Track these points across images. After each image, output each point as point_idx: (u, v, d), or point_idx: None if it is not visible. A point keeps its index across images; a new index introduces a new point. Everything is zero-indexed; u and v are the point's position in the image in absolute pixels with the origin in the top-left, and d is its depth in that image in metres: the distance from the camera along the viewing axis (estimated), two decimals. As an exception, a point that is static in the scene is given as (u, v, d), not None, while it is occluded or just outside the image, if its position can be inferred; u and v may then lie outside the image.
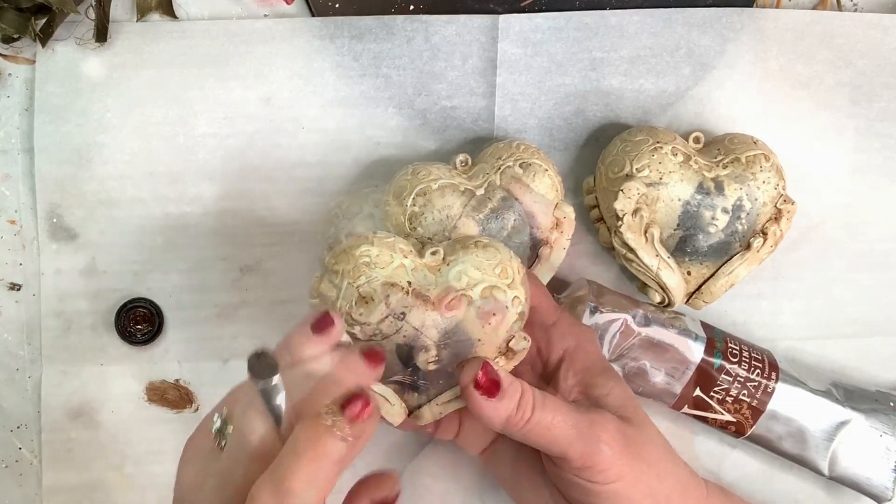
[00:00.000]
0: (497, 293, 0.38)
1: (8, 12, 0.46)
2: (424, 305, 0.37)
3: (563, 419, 0.38)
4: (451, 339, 0.38)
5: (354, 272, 0.37)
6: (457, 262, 0.38)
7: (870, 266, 0.51)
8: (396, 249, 0.38)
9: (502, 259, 0.38)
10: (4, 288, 0.49)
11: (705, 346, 0.46)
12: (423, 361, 0.39)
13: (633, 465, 0.38)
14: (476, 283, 0.38)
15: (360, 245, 0.38)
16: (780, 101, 0.50)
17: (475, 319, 0.38)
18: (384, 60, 0.49)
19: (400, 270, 0.37)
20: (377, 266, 0.37)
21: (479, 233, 0.44)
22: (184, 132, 0.49)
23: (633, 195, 0.45)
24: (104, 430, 0.49)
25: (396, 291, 0.37)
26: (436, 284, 0.38)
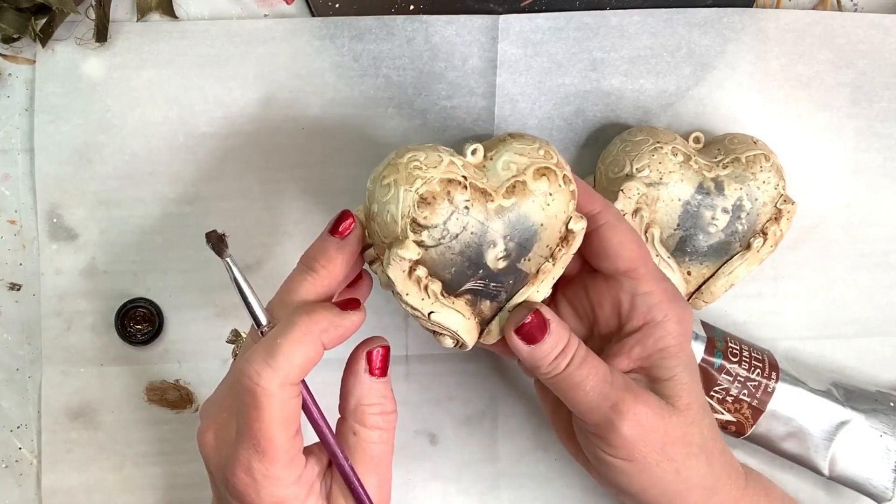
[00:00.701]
0: (548, 173, 0.37)
1: (8, 12, 0.46)
2: (484, 197, 0.37)
3: (593, 384, 0.38)
4: (515, 229, 0.38)
5: (408, 178, 0.36)
6: (500, 154, 0.38)
7: (870, 266, 0.51)
8: (441, 150, 0.37)
9: (541, 143, 0.38)
10: (4, 288, 0.49)
11: (705, 345, 0.46)
12: (492, 259, 0.38)
13: (647, 452, 0.38)
14: (525, 167, 0.37)
15: (405, 154, 0.37)
16: (781, 102, 0.50)
17: (534, 203, 0.37)
18: (384, 60, 0.49)
19: (452, 167, 0.37)
20: (429, 167, 0.36)
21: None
22: (184, 132, 0.49)
23: (633, 195, 0.45)
24: (104, 430, 0.49)
25: (455, 186, 0.36)
26: (487, 178, 0.38)
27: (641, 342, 0.39)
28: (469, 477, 0.50)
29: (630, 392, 0.38)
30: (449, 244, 0.37)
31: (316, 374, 0.50)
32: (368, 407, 0.38)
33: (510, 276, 0.39)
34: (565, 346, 0.38)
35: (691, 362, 0.40)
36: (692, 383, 0.39)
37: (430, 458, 0.50)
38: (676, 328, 0.39)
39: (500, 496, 0.50)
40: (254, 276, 0.49)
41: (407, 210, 0.36)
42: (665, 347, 0.39)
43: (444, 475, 0.50)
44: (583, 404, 0.38)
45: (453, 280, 0.38)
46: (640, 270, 0.39)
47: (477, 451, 0.50)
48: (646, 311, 0.39)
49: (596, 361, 0.38)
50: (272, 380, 0.34)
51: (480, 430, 0.50)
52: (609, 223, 0.39)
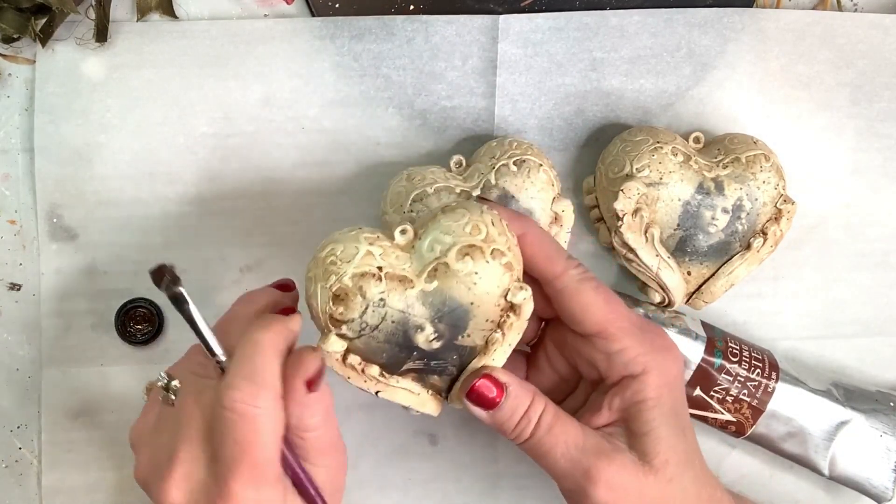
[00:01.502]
0: (472, 251, 0.36)
1: (8, 12, 0.46)
2: (403, 285, 0.37)
3: (563, 451, 0.37)
4: (442, 311, 0.37)
5: (324, 274, 0.37)
6: (427, 234, 0.37)
7: (870, 266, 0.51)
8: (360, 240, 0.37)
9: (471, 217, 0.37)
10: (4, 288, 0.49)
11: (705, 345, 0.46)
12: (423, 341, 0.38)
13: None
14: (448, 247, 0.36)
15: (326, 247, 0.37)
16: (781, 102, 0.50)
17: (459, 284, 0.37)
18: (384, 60, 0.49)
19: (368, 259, 0.36)
20: (343, 261, 0.36)
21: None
22: (184, 132, 0.49)
23: (633, 195, 0.45)
24: (104, 430, 0.49)
25: (368, 280, 0.36)
26: (411, 262, 0.37)
27: (619, 395, 0.38)
28: (469, 477, 0.50)
29: (602, 456, 0.37)
30: (372, 335, 0.37)
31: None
32: (310, 418, 0.36)
33: (451, 352, 0.39)
34: (527, 409, 0.38)
35: (673, 415, 0.38)
36: (672, 438, 0.38)
37: (430, 458, 0.50)
38: (656, 380, 0.38)
39: (500, 496, 0.50)
40: (254, 275, 0.49)
41: (325, 306, 0.37)
42: (643, 400, 0.38)
43: (444, 475, 0.50)
44: (554, 471, 0.38)
45: (389, 363, 0.38)
46: (610, 330, 0.38)
47: (477, 451, 0.50)
48: (622, 367, 0.38)
49: (565, 426, 0.38)
50: (267, 398, 0.34)
51: (480, 430, 0.50)
52: (568, 287, 0.38)
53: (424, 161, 0.49)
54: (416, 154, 0.49)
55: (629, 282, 0.50)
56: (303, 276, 0.49)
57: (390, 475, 0.50)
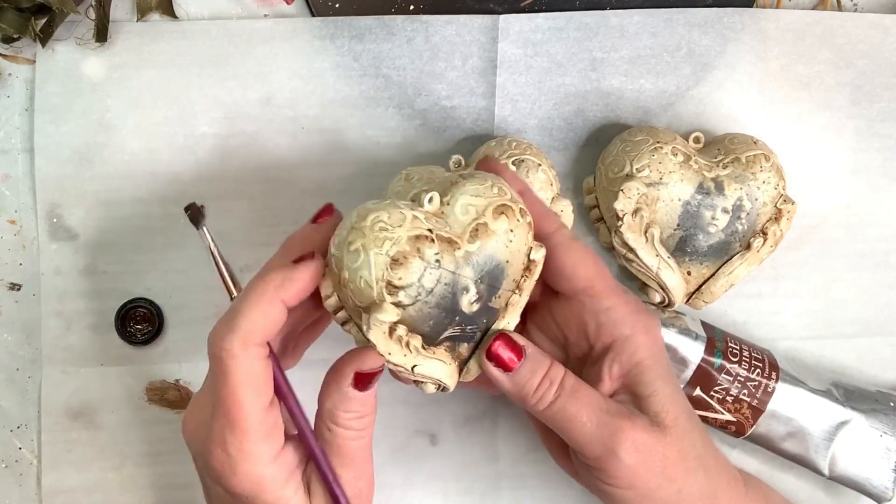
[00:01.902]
0: (506, 210, 0.38)
1: (8, 12, 0.46)
2: (451, 246, 0.37)
3: (589, 415, 0.37)
4: (484, 271, 0.38)
5: (376, 241, 0.36)
6: (456, 199, 0.38)
7: (870, 266, 0.51)
8: (402, 206, 0.37)
9: (493, 180, 0.38)
10: (4, 288, 0.49)
11: (705, 345, 0.46)
12: (466, 304, 0.38)
13: (649, 478, 0.37)
14: (484, 207, 0.37)
15: (367, 215, 0.37)
16: (781, 102, 0.50)
17: (498, 243, 0.38)
18: (384, 60, 0.49)
19: (417, 223, 0.36)
20: (394, 226, 0.36)
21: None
22: (184, 132, 0.49)
23: (633, 195, 0.45)
24: (104, 430, 0.49)
25: (423, 242, 0.36)
26: (448, 224, 0.38)
27: (617, 360, 0.39)
28: (469, 477, 0.50)
29: (627, 418, 0.37)
30: (426, 299, 0.37)
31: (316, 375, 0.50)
32: (344, 413, 0.37)
33: (483, 316, 0.39)
34: (546, 372, 0.38)
35: (668, 373, 0.39)
36: (674, 394, 0.39)
37: (430, 458, 0.50)
38: (646, 339, 0.39)
39: (500, 496, 0.50)
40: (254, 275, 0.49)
41: (381, 273, 0.36)
42: (640, 361, 0.38)
43: (444, 475, 0.50)
44: (581, 437, 0.37)
45: (432, 331, 0.38)
46: (598, 287, 0.39)
47: (477, 451, 0.50)
48: (612, 327, 0.39)
49: (589, 390, 0.38)
50: (233, 341, 0.34)
51: (480, 430, 0.50)
52: (562, 244, 0.39)
53: (424, 161, 0.49)
54: (416, 154, 0.49)
55: (629, 282, 0.50)
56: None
57: (390, 475, 0.50)
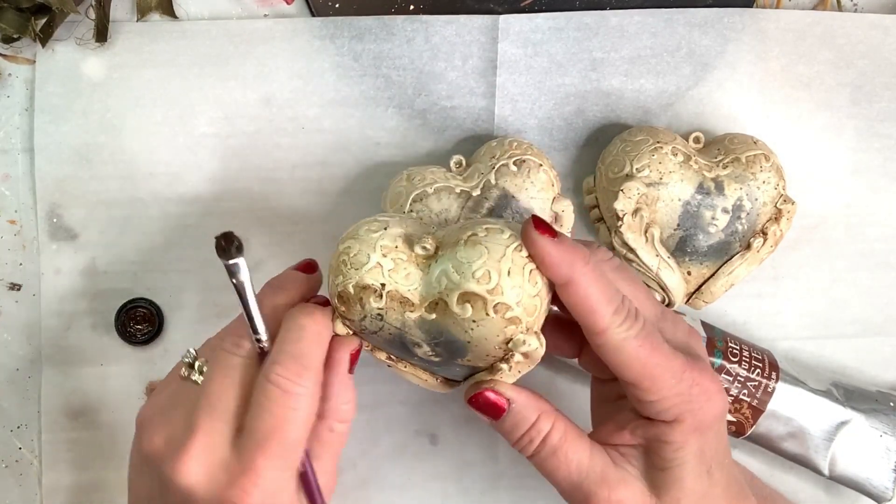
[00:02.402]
0: (472, 300, 0.34)
1: (8, 12, 0.46)
2: (403, 307, 0.36)
3: (564, 476, 0.37)
4: (439, 339, 0.36)
5: (335, 270, 0.37)
6: (442, 260, 0.35)
7: (870, 266, 0.51)
8: (377, 248, 0.36)
9: (488, 259, 0.34)
10: (4, 288, 0.49)
11: (705, 345, 0.46)
12: (423, 354, 0.38)
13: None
14: (452, 288, 0.34)
15: (346, 240, 0.37)
16: (781, 102, 0.50)
17: (455, 325, 0.35)
18: (384, 60, 0.49)
19: (375, 272, 0.35)
20: (352, 266, 0.36)
21: None
22: (184, 132, 0.49)
23: (633, 195, 0.45)
24: (104, 430, 0.49)
25: (369, 294, 0.36)
26: (420, 283, 0.36)
27: (644, 427, 0.37)
28: (469, 477, 0.50)
29: (604, 486, 0.36)
30: (371, 336, 0.38)
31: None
32: (345, 405, 0.38)
33: (454, 367, 0.38)
34: (530, 427, 0.37)
35: (699, 454, 0.36)
36: (689, 478, 0.36)
37: (430, 458, 0.50)
38: (687, 429, 0.36)
39: (500, 496, 0.50)
40: (254, 275, 0.49)
41: (332, 298, 0.37)
42: (667, 442, 0.36)
43: (444, 475, 0.50)
44: (558, 488, 0.38)
45: (397, 355, 0.39)
46: (645, 384, 0.35)
47: (477, 451, 0.50)
48: (654, 413, 0.36)
49: (571, 449, 0.36)
50: (310, 379, 0.35)
51: (480, 430, 0.50)
52: (608, 346, 0.35)
53: (424, 161, 0.49)
54: (416, 154, 0.49)
55: (629, 282, 0.50)
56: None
57: (390, 475, 0.50)
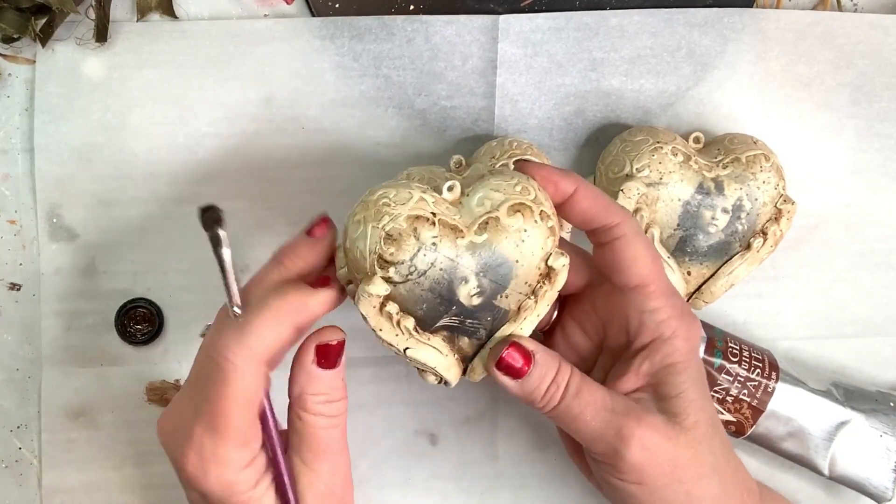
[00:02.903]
0: (522, 209, 0.37)
1: (8, 12, 0.46)
2: (454, 234, 0.37)
3: (594, 413, 0.37)
4: (488, 266, 0.37)
5: (376, 215, 0.36)
6: (476, 191, 0.37)
7: (870, 266, 0.51)
8: (413, 186, 0.37)
9: (520, 179, 0.37)
10: (4, 288, 0.49)
11: (705, 345, 0.46)
12: (465, 295, 0.37)
13: (657, 476, 0.37)
14: (500, 203, 0.37)
15: (376, 191, 0.37)
16: (781, 102, 0.50)
17: (507, 240, 0.37)
18: (384, 61, 0.49)
19: (421, 204, 0.36)
20: (397, 203, 0.36)
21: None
22: (184, 132, 0.49)
23: (633, 195, 0.45)
24: (104, 430, 0.49)
25: (422, 223, 0.36)
26: (460, 214, 0.37)
27: (649, 358, 0.38)
28: (469, 477, 0.50)
29: (632, 417, 0.37)
30: (417, 280, 0.37)
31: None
32: (312, 396, 0.38)
33: (487, 312, 0.38)
34: (555, 375, 0.38)
35: (700, 379, 0.39)
36: (701, 400, 0.38)
37: (430, 458, 0.50)
38: (685, 345, 0.38)
39: (500, 496, 0.50)
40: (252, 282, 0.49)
41: (374, 246, 0.36)
42: (673, 364, 0.38)
43: (444, 475, 0.50)
44: (586, 434, 0.38)
45: (426, 316, 0.38)
46: (651, 287, 0.38)
47: (477, 451, 0.50)
48: (654, 327, 0.38)
49: (593, 388, 0.38)
50: (242, 356, 0.35)
51: (480, 430, 0.50)
52: (626, 237, 0.38)
53: (424, 161, 0.49)
54: (416, 154, 0.49)
55: (629, 282, 0.50)
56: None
57: (390, 475, 0.50)
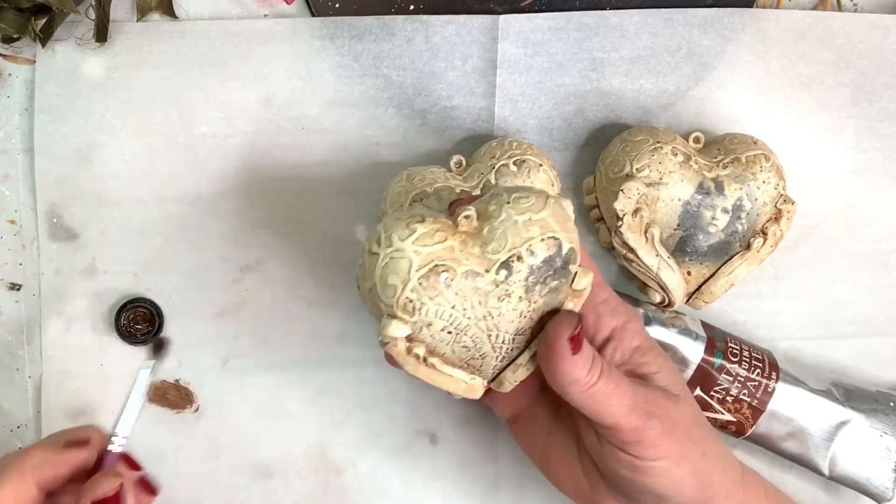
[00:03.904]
0: (544, 245, 0.36)
1: (8, 12, 0.46)
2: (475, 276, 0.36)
3: (623, 391, 0.38)
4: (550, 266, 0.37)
5: (386, 273, 0.36)
6: (493, 229, 0.36)
7: (870, 266, 0.51)
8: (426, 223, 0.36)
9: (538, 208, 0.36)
10: (4, 288, 0.49)
11: (705, 345, 0.46)
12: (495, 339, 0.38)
13: (681, 442, 0.38)
14: (520, 244, 0.36)
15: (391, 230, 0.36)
16: (781, 102, 0.50)
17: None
18: (384, 61, 0.49)
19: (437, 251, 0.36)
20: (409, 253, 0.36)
21: None
22: (184, 132, 0.49)
23: (633, 195, 0.45)
24: (104, 430, 0.49)
25: (438, 275, 0.36)
26: (476, 254, 0.36)
27: (619, 347, 0.40)
28: (469, 477, 0.50)
29: (648, 388, 0.38)
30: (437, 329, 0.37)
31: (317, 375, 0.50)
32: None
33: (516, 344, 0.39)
34: (594, 354, 0.38)
35: (662, 352, 0.41)
36: (674, 369, 0.40)
37: (430, 458, 0.50)
38: (638, 325, 0.40)
39: (500, 496, 0.50)
40: (254, 275, 0.49)
41: (390, 302, 0.36)
42: (639, 345, 0.40)
43: (444, 475, 0.50)
44: (618, 412, 0.37)
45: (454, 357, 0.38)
46: (594, 281, 0.39)
47: (477, 451, 0.50)
48: (609, 317, 0.40)
49: (614, 368, 0.38)
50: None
51: (481, 431, 0.50)
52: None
53: (424, 161, 0.49)
54: (416, 154, 0.49)
55: (629, 282, 0.50)
56: (303, 272, 0.49)
57: (390, 475, 0.50)
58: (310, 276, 0.49)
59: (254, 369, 0.49)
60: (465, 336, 0.37)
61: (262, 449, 0.49)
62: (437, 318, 0.36)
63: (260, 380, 0.49)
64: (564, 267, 0.37)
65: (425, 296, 0.36)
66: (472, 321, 0.37)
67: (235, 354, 0.49)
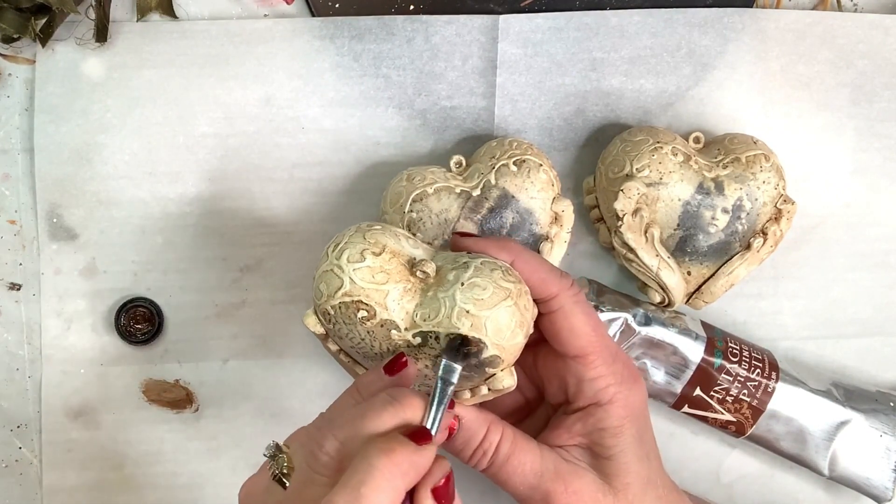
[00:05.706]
0: (467, 341, 0.36)
1: (8, 12, 0.46)
2: (389, 327, 0.37)
3: (521, 479, 0.38)
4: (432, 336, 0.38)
5: (331, 280, 0.37)
6: (434, 298, 0.36)
7: (870, 266, 0.51)
8: (381, 295, 0.37)
9: (486, 305, 0.36)
10: (4, 288, 0.49)
11: (705, 345, 0.46)
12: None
13: None
14: (446, 327, 0.36)
15: (342, 256, 0.37)
16: (781, 102, 0.50)
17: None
18: (384, 60, 0.49)
19: (386, 305, 0.37)
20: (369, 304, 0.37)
21: (478, 234, 0.44)
22: (184, 132, 0.49)
23: (633, 195, 0.45)
24: (104, 430, 0.49)
25: (353, 308, 0.37)
26: (407, 310, 0.37)
27: (583, 420, 0.39)
28: (469, 477, 0.50)
29: (560, 482, 0.38)
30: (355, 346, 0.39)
31: (317, 375, 0.50)
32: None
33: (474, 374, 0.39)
34: (482, 441, 0.38)
35: (637, 440, 0.39)
36: (634, 463, 0.39)
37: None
38: (621, 411, 0.39)
39: (500, 496, 0.50)
40: (254, 275, 0.49)
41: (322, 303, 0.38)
42: (605, 428, 0.39)
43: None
44: (516, 496, 0.39)
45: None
46: (590, 357, 0.39)
47: (477, 451, 0.50)
48: (591, 395, 0.39)
49: (524, 451, 0.38)
50: None
51: (480, 430, 0.50)
52: (563, 309, 0.39)
53: (424, 161, 0.49)
54: (416, 154, 0.49)
55: (629, 282, 0.50)
56: (303, 272, 0.49)
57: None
58: (310, 276, 0.49)
59: (254, 369, 0.49)
60: (372, 356, 0.39)
61: (262, 449, 0.49)
62: (348, 338, 0.38)
63: (260, 380, 0.49)
64: (480, 367, 0.37)
65: (340, 319, 0.37)
66: (379, 353, 0.38)
67: (235, 354, 0.49)
